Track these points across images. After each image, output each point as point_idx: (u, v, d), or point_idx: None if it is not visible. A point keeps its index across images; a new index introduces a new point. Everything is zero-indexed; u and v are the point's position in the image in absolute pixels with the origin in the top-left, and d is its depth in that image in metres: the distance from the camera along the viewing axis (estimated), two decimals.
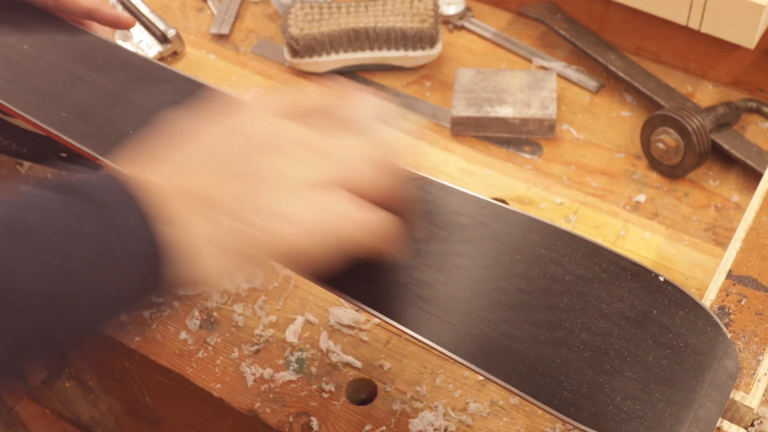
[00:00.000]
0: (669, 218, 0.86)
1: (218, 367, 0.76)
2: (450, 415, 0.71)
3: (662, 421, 0.54)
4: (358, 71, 1.01)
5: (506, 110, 0.93)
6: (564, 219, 0.84)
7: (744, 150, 0.88)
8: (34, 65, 0.73)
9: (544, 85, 0.94)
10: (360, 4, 1.00)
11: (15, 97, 0.70)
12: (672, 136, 0.86)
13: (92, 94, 0.71)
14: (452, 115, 0.93)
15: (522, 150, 0.93)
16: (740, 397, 0.57)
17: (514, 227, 0.62)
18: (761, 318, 0.59)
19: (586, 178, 0.90)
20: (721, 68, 0.97)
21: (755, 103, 0.94)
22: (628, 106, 0.96)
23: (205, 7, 1.10)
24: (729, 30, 0.88)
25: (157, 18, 1.01)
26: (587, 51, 0.98)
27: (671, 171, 0.89)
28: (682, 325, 0.57)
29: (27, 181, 0.90)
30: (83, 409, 0.99)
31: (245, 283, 0.81)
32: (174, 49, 1.01)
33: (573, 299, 0.59)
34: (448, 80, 1.00)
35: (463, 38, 1.05)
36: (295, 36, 0.97)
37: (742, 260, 0.62)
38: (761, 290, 0.60)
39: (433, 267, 0.61)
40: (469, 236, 0.62)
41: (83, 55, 0.74)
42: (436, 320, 0.59)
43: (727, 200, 0.87)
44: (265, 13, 1.09)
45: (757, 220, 0.65)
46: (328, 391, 0.74)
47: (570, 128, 0.94)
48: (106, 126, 0.70)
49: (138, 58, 0.74)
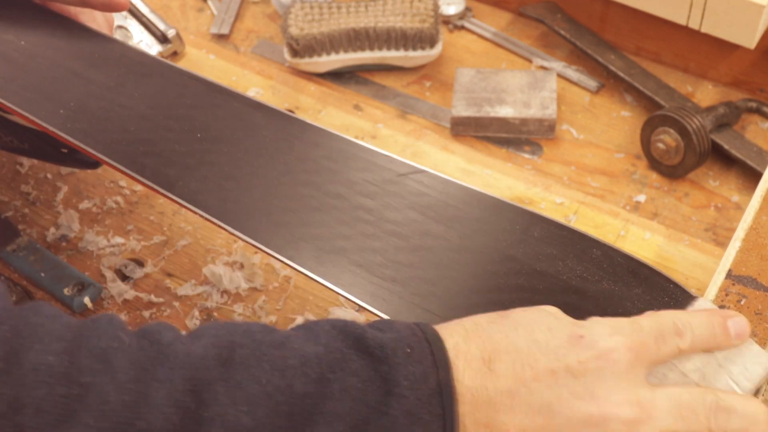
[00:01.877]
0: (669, 218, 0.86)
1: None
2: None
3: None
4: (358, 71, 1.01)
5: (506, 110, 0.92)
6: (564, 219, 0.84)
7: (744, 150, 0.88)
8: (31, 62, 0.73)
9: (544, 85, 0.94)
10: (360, 4, 1.00)
11: (13, 94, 0.70)
12: (672, 136, 0.86)
13: (89, 89, 0.71)
14: (452, 115, 0.93)
15: (522, 150, 0.93)
16: None
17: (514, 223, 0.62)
18: (761, 318, 0.59)
19: (586, 178, 0.90)
20: (721, 68, 0.97)
21: (755, 103, 0.94)
22: (628, 106, 0.96)
23: (205, 7, 1.10)
24: (729, 30, 0.88)
25: (157, 18, 1.01)
26: (587, 51, 0.98)
27: (671, 171, 0.89)
28: None
29: (27, 180, 0.90)
30: None
31: (245, 283, 0.81)
32: (174, 49, 1.01)
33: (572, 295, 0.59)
34: (448, 80, 1.00)
35: (463, 38, 1.05)
36: (295, 36, 0.97)
37: (741, 260, 0.62)
38: (761, 290, 0.60)
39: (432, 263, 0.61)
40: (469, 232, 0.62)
41: (80, 51, 0.74)
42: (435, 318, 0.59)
43: (727, 200, 0.87)
44: (265, 13, 1.09)
45: (757, 219, 0.65)
46: None
47: (570, 128, 0.94)
48: (104, 122, 0.70)
49: (134, 52, 0.74)
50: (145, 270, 0.83)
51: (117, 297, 0.81)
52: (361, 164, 0.66)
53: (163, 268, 0.83)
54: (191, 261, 0.83)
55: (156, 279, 0.82)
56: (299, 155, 0.66)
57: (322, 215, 0.64)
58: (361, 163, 0.66)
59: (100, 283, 0.81)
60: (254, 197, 0.65)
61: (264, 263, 0.82)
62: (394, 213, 0.63)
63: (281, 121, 0.70)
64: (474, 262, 0.61)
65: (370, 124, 0.94)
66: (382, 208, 0.64)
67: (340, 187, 0.65)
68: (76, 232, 0.86)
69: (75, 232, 0.86)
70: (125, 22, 1.01)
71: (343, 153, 0.67)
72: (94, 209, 0.88)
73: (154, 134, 0.69)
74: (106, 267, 0.83)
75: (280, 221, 0.64)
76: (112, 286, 0.81)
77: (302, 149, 0.67)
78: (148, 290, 0.81)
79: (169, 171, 0.67)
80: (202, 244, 0.84)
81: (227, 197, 0.66)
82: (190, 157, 0.68)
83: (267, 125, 0.70)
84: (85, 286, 0.80)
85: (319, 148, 0.68)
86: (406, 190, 0.64)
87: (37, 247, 0.84)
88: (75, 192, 0.89)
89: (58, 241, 0.85)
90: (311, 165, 0.67)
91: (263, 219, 0.64)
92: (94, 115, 0.71)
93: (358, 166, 0.66)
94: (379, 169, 0.66)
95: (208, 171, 0.67)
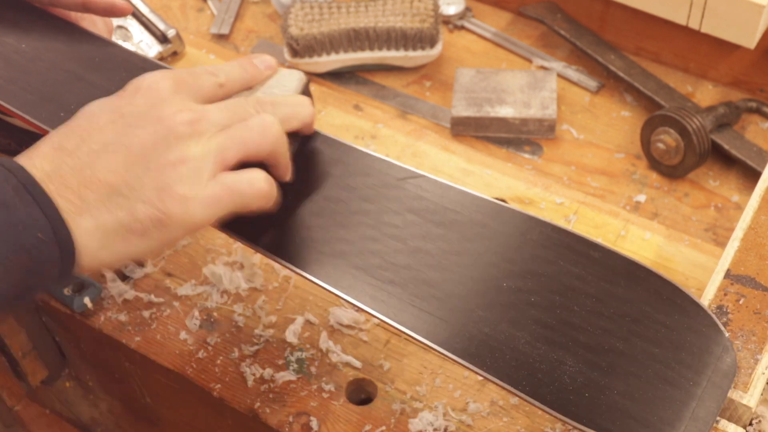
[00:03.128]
0: (669, 218, 0.86)
1: (218, 367, 0.76)
2: (450, 415, 0.71)
3: (660, 418, 0.54)
4: (358, 71, 1.01)
5: (506, 110, 0.93)
6: (564, 219, 0.84)
7: (744, 150, 0.88)
8: (32, 65, 0.73)
9: (544, 85, 0.95)
10: (360, 4, 1.00)
11: (13, 96, 0.70)
12: (672, 136, 0.86)
13: (90, 93, 0.71)
14: (452, 115, 0.93)
15: (522, 150, 0.93)
16: (738, 396, 0.57)
17: (513, 226, 0.62)
18: (759, 317, 0.59)
19: (586, 178, 0.90)
20: (721, 68, 0.97)
21: (755, 103, 0.94)
22: (628, 106, 0.96)
23: (205, 7, 1.10)
24: (729, 30, 0.88)
25: (157, 18, 1.01)
26: (587, 51, 0.98)
27: (671, 171, 0.89)
28: (680, 323, 0.57)
29: None
30: (83, 409, 0.99)
31: (245, 283, 0.81)
32: (174, 49, 1.01)
33: (571, 298, 0.59)
34: (448, 80, 1.00)
35: (463, 38, 1.05)
36: (295, 36, 0.97)
37: (740, 259, 0.62)
38: (759, 289, 0.60)
39: (431, 265, 0.61)
40: (468, 235, 0.62)
41: (81, 55, 0.74)
42: (434, 319, 0.59)
43: (727, 200, 0.87)
44: (265, 13, 1.09)
45: (756, 219, 0.65)
46: (328, 391, 0.74)
47: (570, 128, 0.94)
48: None
49: (136, 57, 0.74)
50: (145, 270, 0.83)
51: (117, 297, 0.81)
52: (360, 169, 0.66)
53: (163, 268, 0.83)
54: (191, 261, 0.83)
55: (156, 279, 0.82)
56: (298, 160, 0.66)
57: (321, 219, 0.64)
58: (360, 168, 0.66)
59: (100, 282, 0.81)
60: None
61: (264, 263, 0.82)
62: (393, 216, 0.64)
63: None
64: (472, 265, 0.61)
65: (370, 124, 0.94)
66: (382, 212, 0.64)
67: (340, 192, 0.65)
68: None
69: None
70: (125, 22, 1.01)
71: (342, 158, 0.67)
72: None
73: None
74: None
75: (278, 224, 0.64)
76: (112, 286, 0.81)
77: (302, 155, 0.67)
78: (148, 290, 0.81)
79: None
80: (202, 244, 0.84)
81: None
82: None
83: None
84: (85, 286, 0.80)
85: (318, 154, 0.68)
86: (405, 194, 0.65)
87: None
88: None
89: None
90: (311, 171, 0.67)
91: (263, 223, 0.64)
92: None
93: (358, 170, 0.66)
94: (378, 173, 0.66)
95: None
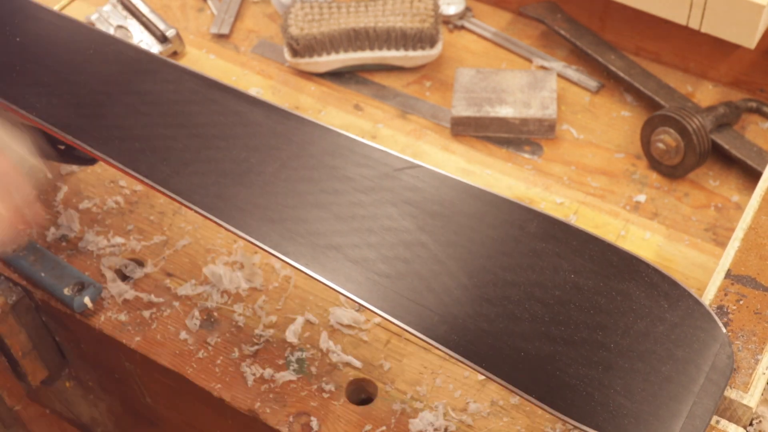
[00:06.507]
0: (669, 218, 0.86)
1: (218, 367, 0.76)
2: (450, 415, 0.71)
3: (659, 416, 0.54)
4: (358, 71, 1.01)
5: (506, 110, 0.93)
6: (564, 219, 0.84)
7: (744, 150, 0.88)
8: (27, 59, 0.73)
9: (544, 85, 0.94)
10: (360, 4, 1.00)
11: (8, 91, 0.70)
12: (672, 136, 0.86)
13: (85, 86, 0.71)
14: (452, 115, 0.93)
15: (522, 150, 0.93)
16: (739, 396, 0.57)
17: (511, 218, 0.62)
18: (760, 317, 0.59)
19: (586, 178, 0.90)
20: (721, 68, 0.97)
21: (755, 103, 0.94)
22: (628, 106, 0.96)
23: (205, 7, 1.10)
24: (729, 30, 0.88)
25: (157, 18, 1.01)
26: (587, 51, 0.98)
27: (671, 171, 0.89)
28: (678, 318, 0.57)
29: None
30: (83, 409, 0.99)
31: (245, 282, 0.81)
32: (174, 49, 1.01)
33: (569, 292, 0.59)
34: (448, 80, 1.00)
35: (463, 38, 1.05)
36: (295, 36, 0.97)
37: (740, 260, 0.62)
38: (760, 289, 0.60)
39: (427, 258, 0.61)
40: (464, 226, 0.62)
41: (76, 47, 0.74)
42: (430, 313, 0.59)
43: (727, 200, 0.87)
44: (265, 13, 1.09)
45: (756, 219, 0.65)
46: (328, 391, 0.74)
47: (570, 128, 0.94)
48: (99, 118, 0.70)
49: (131, 49, 0.74)
50: (145, 270, 0.83)
51: (117, 297, 0.81)
52: (358, 159, 0.66)
53: (163, 268, 0.83)
54: (191, 261, 0.83)
55: (156, 279, 0.82)
56: (296, 151, 0.66)
57: (318, 211, 0.64)
58: (357, 158, 0.66)
59: (100, 282, 0.81)
60: (250, 193, 0.65)
61: (264, 263, 0.82)
62: (390, 208, 0.63)
63: (278, 117, 0.70)
64: (469, 257, 0.61)
65: (370, 124, 0.94)
66: (378, 204, 0.64)
67: (337, 183, 0.65)
68: (76, 231, 0.86)
69: (75, 232, 0.86)
70: (125, 22, 1.01)
71: (339, 148, 0.67)
72: (94, 209, 0.88)
73: (150, 130, 0.70)
74: (106, 267, 0.83)
75: (276, 217, 0.64)
76: (112, 286, 0.81)
77: (299, 145, 0.67)
78: (148, 290, 0.81)
79: (164, 167, 0.67)
80: (202, 243, 0.84)
81: (223, 193, 0.66)
82: (186, 152, 0.68)
83: (264, 121, 0.70)
84: (85, 286, 0.80)
85: (315, 144, 0.68)
86: (401, 185, 0.64)
87: (37, 247, 0.84)
88: (75, 192, 0.89)
89: (58, 241, 0.85)
90: (308, 161, 0.67)
91: (259, 215, 0.64)
92: (90, 111, 0.71)
93: (355, 161, 0.66)
94: (376, 163, 0.66)
95: (203, 167, 0.67)
